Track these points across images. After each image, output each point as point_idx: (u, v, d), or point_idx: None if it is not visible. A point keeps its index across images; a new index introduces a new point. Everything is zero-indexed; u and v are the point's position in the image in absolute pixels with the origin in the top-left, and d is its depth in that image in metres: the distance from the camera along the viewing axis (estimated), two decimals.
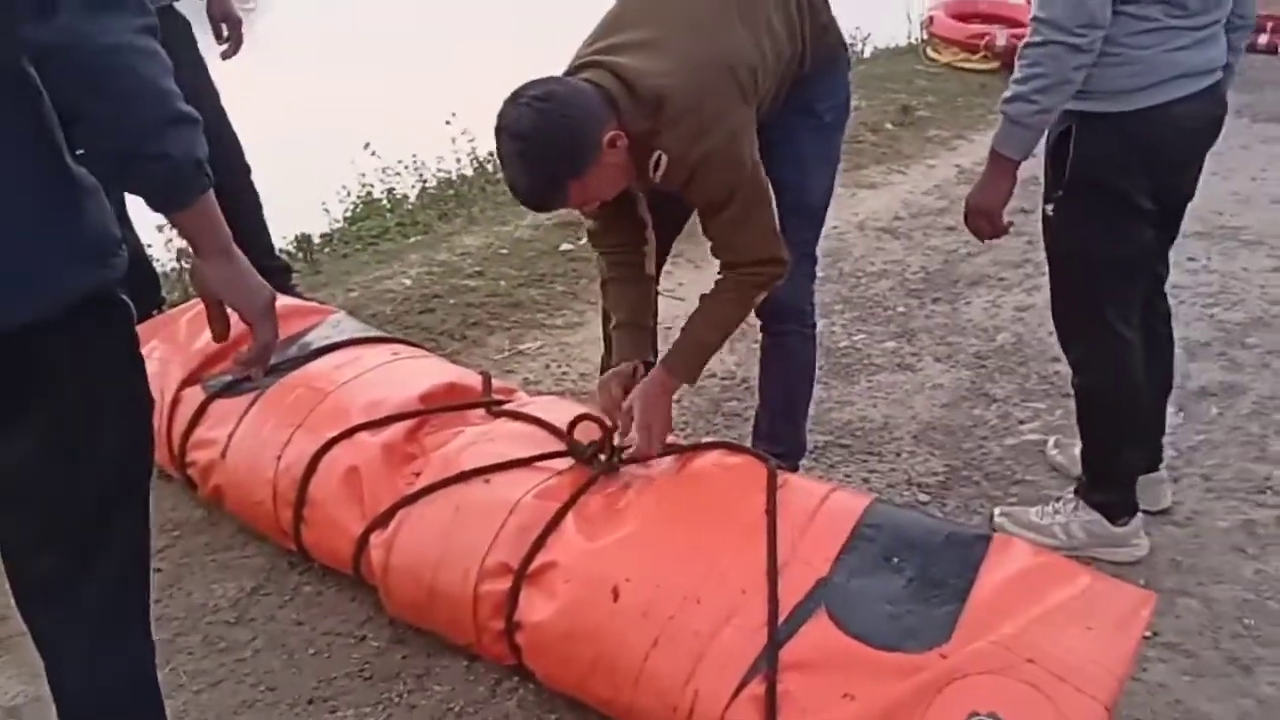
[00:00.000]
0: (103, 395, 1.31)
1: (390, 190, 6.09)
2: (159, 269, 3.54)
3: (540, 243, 3.92)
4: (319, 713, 1.91)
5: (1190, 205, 2.16)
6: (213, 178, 1.22)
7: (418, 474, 2.10)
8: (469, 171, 6.29)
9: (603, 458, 2.04)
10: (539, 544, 1.89)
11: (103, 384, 1.31)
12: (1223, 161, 4.27)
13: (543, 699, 1.93)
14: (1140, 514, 2.29)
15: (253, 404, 2.30)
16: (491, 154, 6.20)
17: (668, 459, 2.07)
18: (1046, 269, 3.69)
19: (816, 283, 2.39)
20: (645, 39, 1.89)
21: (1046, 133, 2.05)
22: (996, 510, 2.43)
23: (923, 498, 2.52)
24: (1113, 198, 2.00)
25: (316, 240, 4.47)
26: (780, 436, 2.40)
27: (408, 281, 3.58)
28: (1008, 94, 1.97)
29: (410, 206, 5.67)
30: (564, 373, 3.11)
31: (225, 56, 3.09)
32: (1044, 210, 2.11)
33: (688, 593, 1.75)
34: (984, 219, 2.11)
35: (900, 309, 3.51)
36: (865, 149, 5.10)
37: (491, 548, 1.91)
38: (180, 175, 1.19)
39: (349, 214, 5.49)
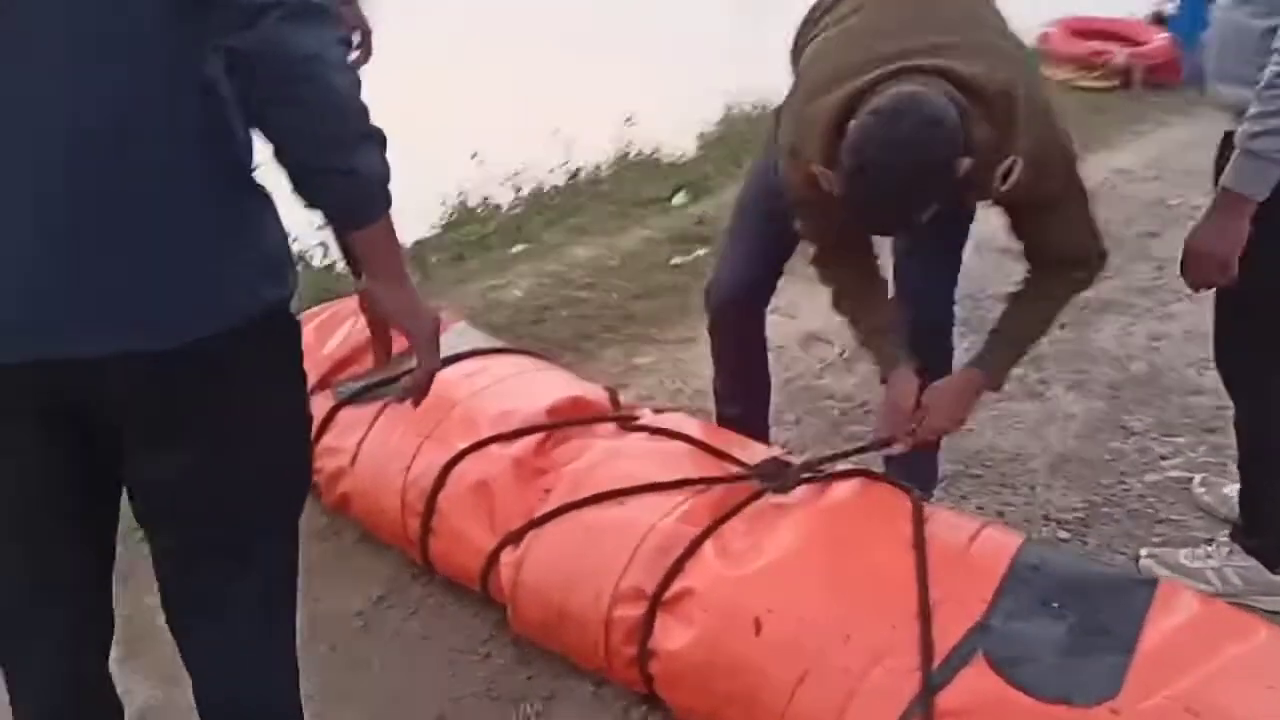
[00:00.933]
0: (268, 410, 1.30)
1: (486, 199, 6.13)
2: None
3: (651, 255, 3.88)
4: None
5: None
6: (392, 199, 1.19)
7: (548, 490, 2.07)
8: (560, 181, 6.31)
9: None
10: (676, 569, 1.83)
11: (268, 399, 1.30)
12: None
13: None
14: None
15: (381, 412, 2.29)
16: (596, 166, 6.25)
17: (804, 488, 2.01)
18: (1183, 297, 3.57)
19: None
20: (946, 43, 1.74)
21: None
22: (1143, 551, 2.31)
23: (1062, 534, 2.41)
24: None
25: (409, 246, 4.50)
26: (917, 463, 2.30)
27: (519, 292, 3.57)
28: (1255, 128, 1.76)
29: (511, 215, 5.71)
30: (678, 388, 3.06)
31: (357, 66, 3.10)
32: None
33: (835, 628, 1.68)
34: (1216, 266, 1.90)
35: None
36: None
37: (626, 571, 1.86)
38: (365, 193, 1.16)
39: (445, 221, 5.53)
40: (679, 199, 4.59)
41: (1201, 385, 3.06)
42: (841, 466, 2.09)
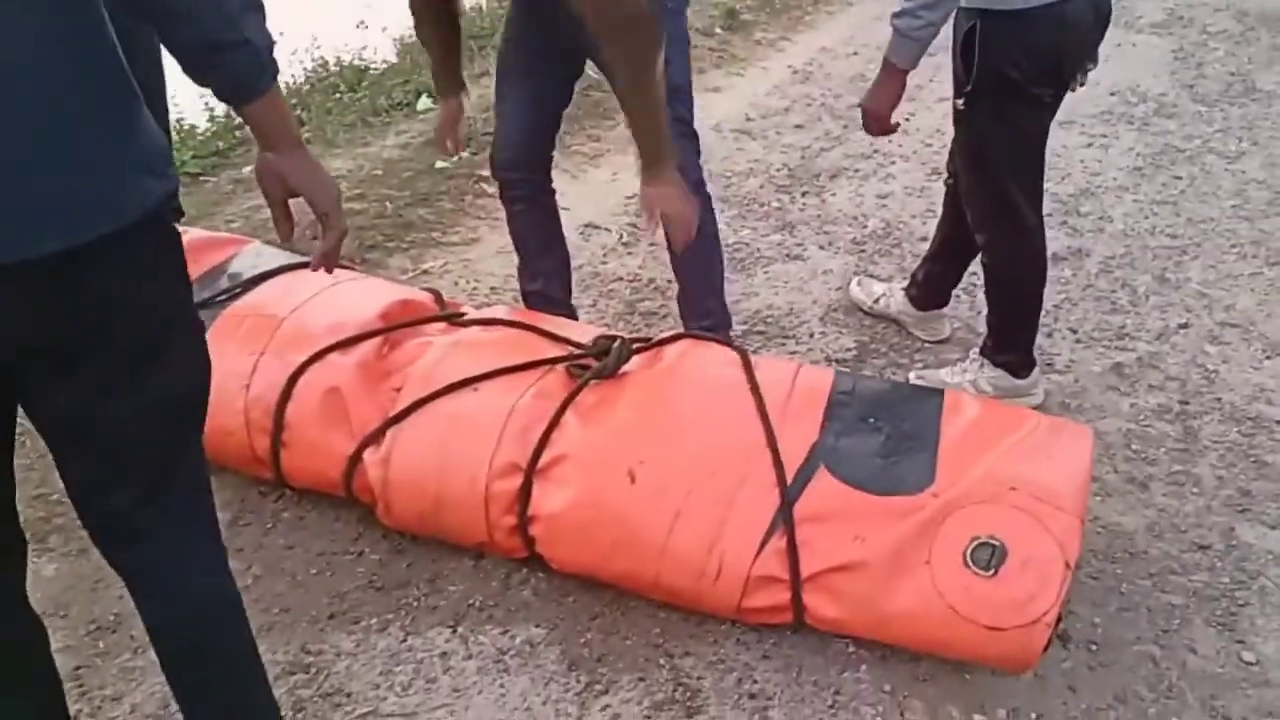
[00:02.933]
0: (163, 325, 1.29)
1: (179, 120, 5.77)
2: None
3: (414, 161, 3.87)
4: (343, 625, 1.96)
5: None
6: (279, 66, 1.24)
7: (398, 389, 2.13)
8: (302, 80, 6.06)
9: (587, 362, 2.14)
10: (545, 440, 1.98)
11: (162, 313, 1.29)
12: None
13: (554, 584, 2.04)
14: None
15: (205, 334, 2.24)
16: (338, 62, 6.02)
17: (639, 356, 2.19)
18: (895, 159, 4.02)
19: None
20: None
21: (954, 29, 2.24)
22: (912, 374, 2.69)
23: (843, 370, 2.75)
24: (1017, 91, 2.21)
25: None
26: (710, 310, 2.64)
27: None
28: (897, 9, 2.11)
29: (238, 129, 5.42)
30: (474, 288, 3.14)
31: None
32: (954, 104, 2.30)
33: (700, 468, 1.90)
34: (874, 121, 2.28)
35: (775, 204, 3.72)
36: (702, 54, 5.23)
37: (497, 449, 1.98)
38: (259, 61, 1.20)
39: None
40: (423, 103, 4.55)
41: (927, 232, 3.51)
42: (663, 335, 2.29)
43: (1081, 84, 2.29)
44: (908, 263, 3.31)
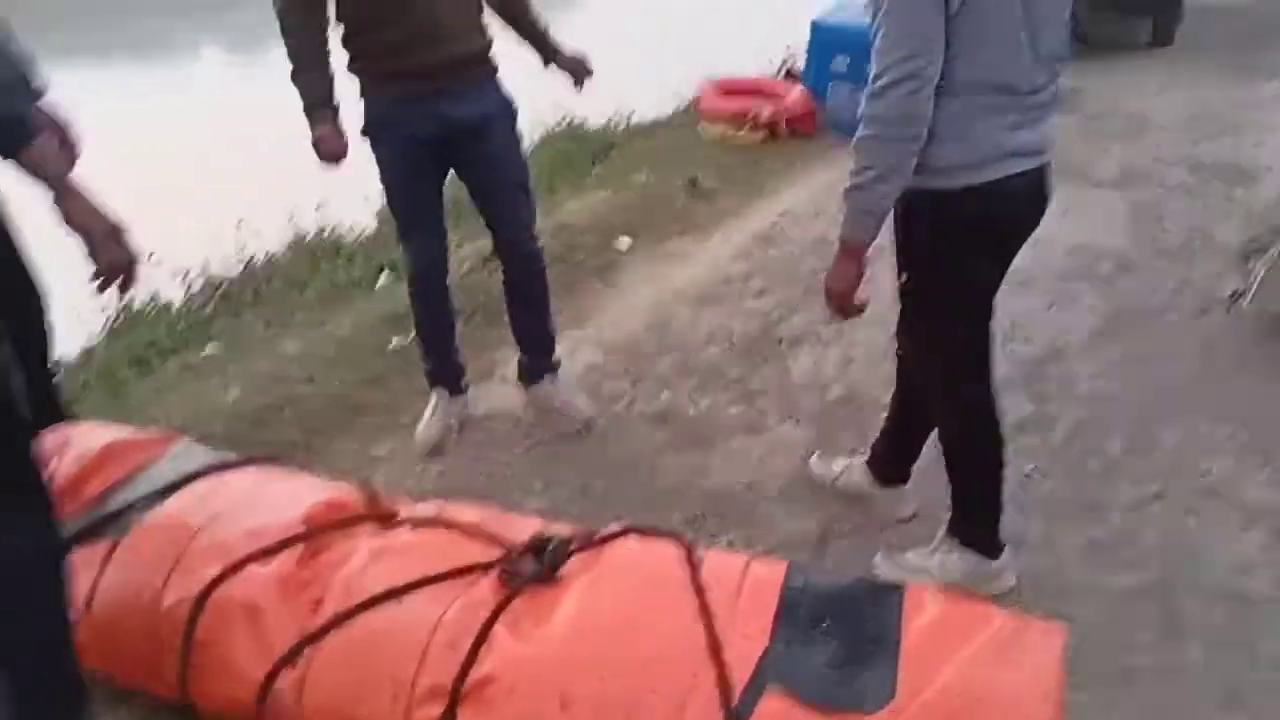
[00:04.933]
0: None
1: (153, 298, 5.77)
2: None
3: (367, 341, 3.81)
4: None
5: None
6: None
7: (319, 600, 1.99)
8: (237, 274, 6.09)
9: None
10: (471, 658, 1.82)
11: None
12: None
13: None
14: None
15: (114, 549, 2.10)
16: (268, 255, 6.08)
17: (577, 556, 2.06)
18: (858, 324, 3.97)
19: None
20: None
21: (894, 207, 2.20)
22: (877, 557, 2.55)
23: (806, 556, 2.61)
24: (958, 265, 2.17)
25: (73, 359, 4.18)
26: (551, 345, 3.31)
27: (234, 396, 3.38)
28: (848, 185, 2.08)
29: (193, 314, 5.40)
30: (423, 471, 3.02)
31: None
32: (899, 280, 2.25)
33: (639, 685, 1.74)
34: (839, 301, 2.21)
35: (736, 373, 3.64)
36: (666, 222, 5.28)
37: (420, 669, 1.83)
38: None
39: (111, 328, 5.13)
40: (383, 280, 4.53)
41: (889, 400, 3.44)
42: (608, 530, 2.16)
43: None
44: (871, 432, 3.19)
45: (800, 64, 7.50)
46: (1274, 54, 8.43)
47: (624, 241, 4.95)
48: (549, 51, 3.09)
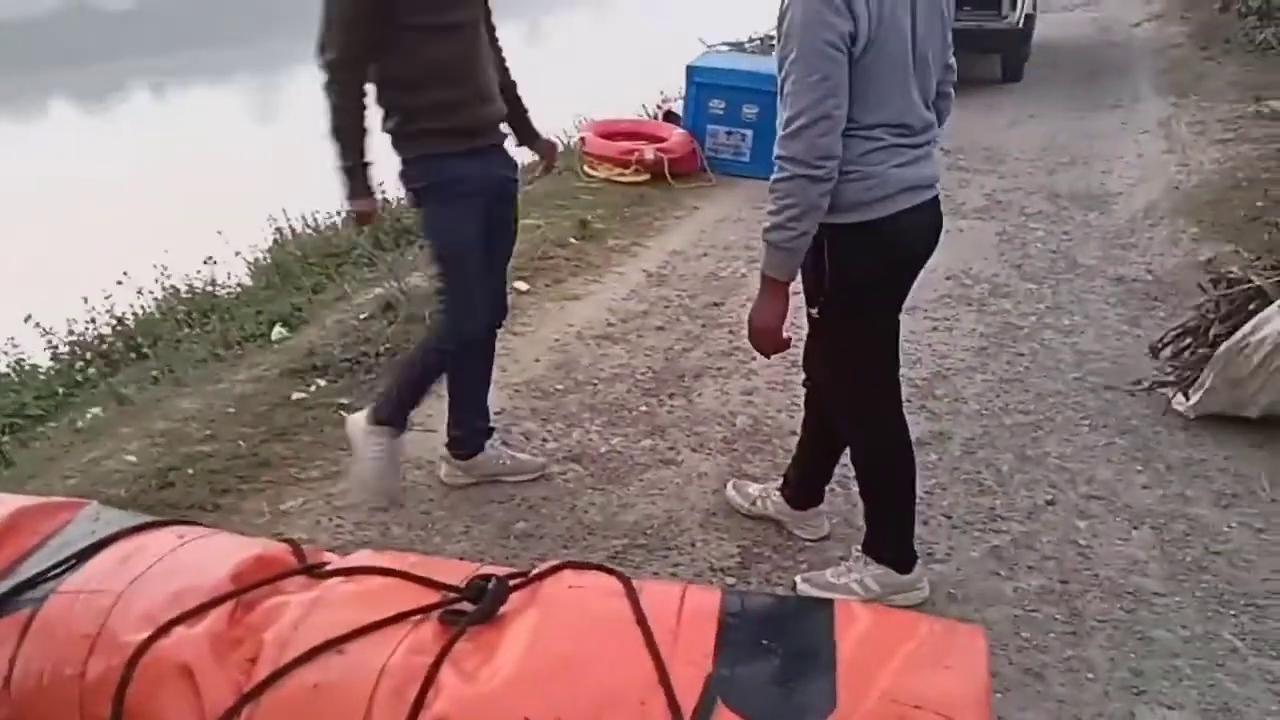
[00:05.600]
0: None
1: (19, 361, 5.57)
2: None
3: (268, 395, 3.74)
4: None
5: None
6: None
7: (253, 658, 1.94)
8: (106, 331, 5.92)
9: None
10: (419, 703, 1.82)
11: None
12: None
13: None
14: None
15: (30, 621, 2.02)
16: (190, 289, 5.93)
17: (517, 594, 2.07)
18: (756, 355, 4.11)
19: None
20: None
21: None
22: (798, 577, 2.64)
23: (730, 580, 2.68)
24: (867, 295, 2.29)
25: None
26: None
27: (132, 458, 3.28)
28: (767, 224, 2.18)
29: (68, 375, 5.22)
30: (338, 525, 2.99)
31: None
32: (809, 313, 2.35)
33: (592, 717, 1.77)
34: (766, 337, 2.31)
35: (643, 408, 3.71)
36: (559, 263, 5.35)
37: (368, 718, 1.81)
38: None
39: None
40: (277, 332, 4.45)
41: (794, 426, 3.55)
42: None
43: None
44: (780, 458, 3.32)
45: (677, 106, 7.71)
46: (1115, 87, 9.05)
47: (521, 284, 4.99)
48: (529, 133, 3.10)
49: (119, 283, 6.01)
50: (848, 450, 2.68)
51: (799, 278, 2.31)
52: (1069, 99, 8.83)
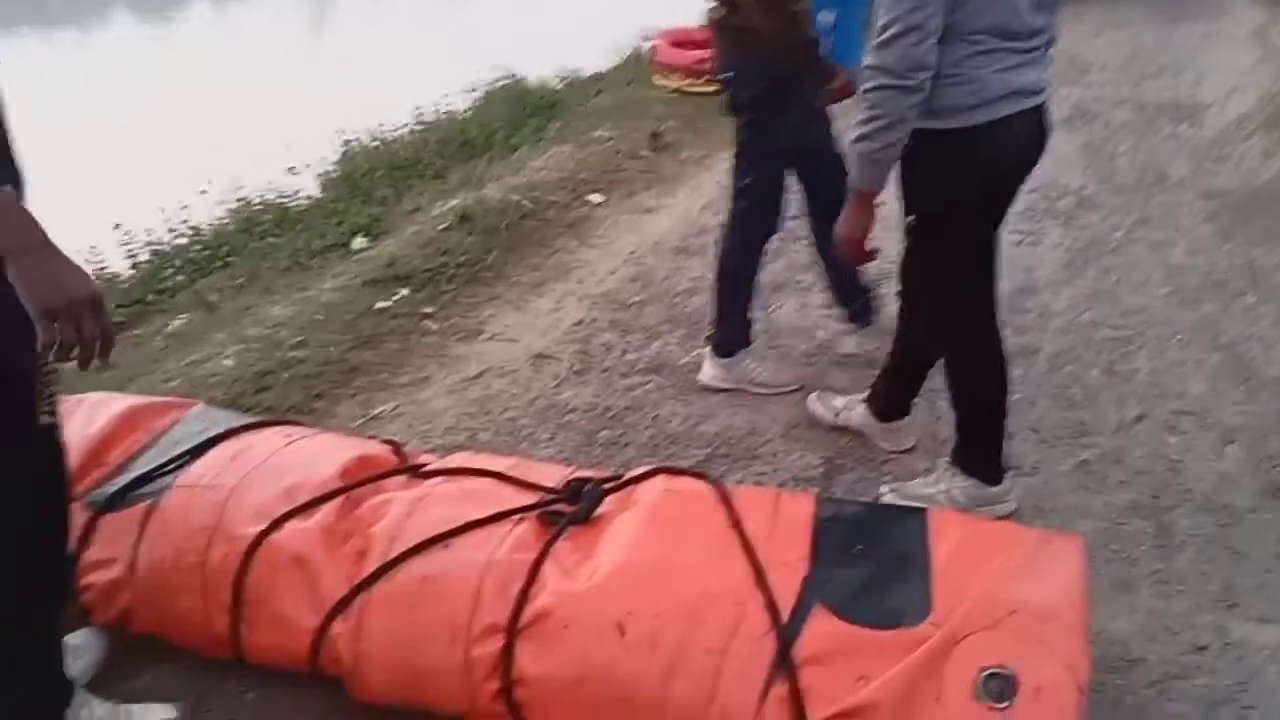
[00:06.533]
0: None
1: (101, 269, 5.70)
2: None
3: (355, 304, 3.80)
4: None
5: None
6: None
7: (362, 552, 2.03)
8: (183, 241, 6.05)
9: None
10: (524, 596, 1.88)
11: None
12: None
13: None
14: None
15: (150, 512, 2.12)
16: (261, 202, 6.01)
17: (611, 497, 2.12)
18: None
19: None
20: None
21: None
22: (883, 488, 2.65)
23: (814, 490, 2.70)
24: (964, 205, 2.25)
25: None
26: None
27: (229, 362, 3.37)
28: (854, 135, 2.14)
29: (160, 281, 5.35)
30: (427, 429, 3.05)
31: None
32: (906, 221, 2.32)
33: (689, 615, 1.82)
34: (853, 248, 2.30)
35: None
36: (632, 175, 5.32)
37: (475, 610, 1.88)
38: None
39: None
40: (358, 242, 4.51)
41: (877, 341, 3.54)
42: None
43: None
44: (859, 371, 3.31)
45: None
46: None
47: (595, 197, 4.98)
48: None
49: (203, 192, 6.09)
50: (934, 363, 2.67)
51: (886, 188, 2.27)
52: (1157, 6, 8.46)
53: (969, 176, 2.20)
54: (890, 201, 2.32)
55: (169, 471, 2.22)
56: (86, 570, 2.10)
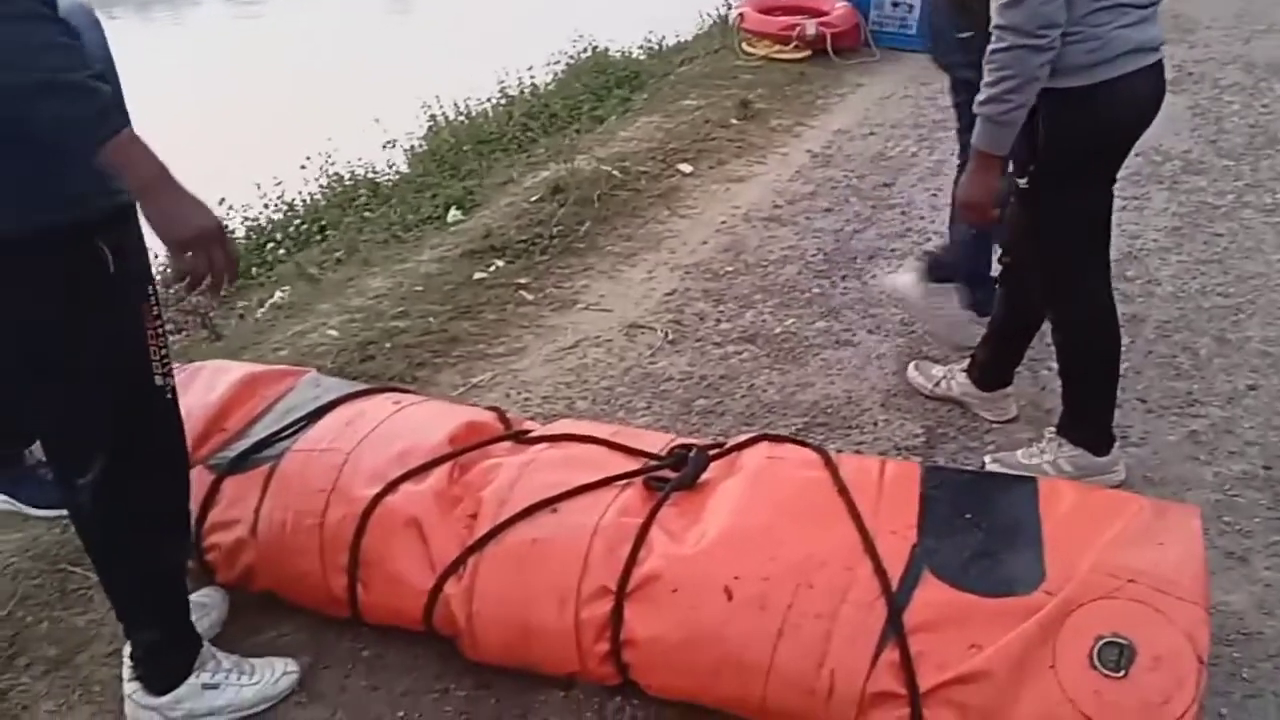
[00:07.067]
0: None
1: (234, 238, 5.86)
2: None
3: (452, 275, 3.87)
4: None
5: None
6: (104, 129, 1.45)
7: (473, 515, 2.08)
8: (278, 216, 6.21)
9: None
10: (633, 560, 1.91)
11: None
12: None
13: (651, 711, 1.96)
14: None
15: (271, 475, 2.20)
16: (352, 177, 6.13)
17: (715, 464, 2.14)
18: (931, 236, 3.99)
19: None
20: None
21: None
22: (987, 458, 2.62)
23: (914, 459, 2.68)
24: (1082, 166, 2.19)
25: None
26: None
27: (334, 332, 3.46)
28: (982, 96, 2.10)
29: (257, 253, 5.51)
30: (526, 399, 3.10)
31: None
32: (1017, 183, 2.28)
33: (797, 579, 1.83)
34: (975, 212, 2.26)
35: (816, 290, 3.69)
36: (721, 144, 5.29)
37: (584, 573, 1.92)
38: (65, 129, 1.43)
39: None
40: (453, 215, 4.58)
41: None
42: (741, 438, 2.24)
43: None
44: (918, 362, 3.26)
45: None
46: None
47: (685, 166, 4.97)
48: None
49: (302, 167, 6.24)
50: (1037, 332, 2.63)
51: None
52: None
53: (1087, 136, 2.15)
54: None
55: (287, 436, 2.29)
56: (211, 531, 2.19)
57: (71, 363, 1.65)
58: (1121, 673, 1.64)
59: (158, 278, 1.84)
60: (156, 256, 1.74)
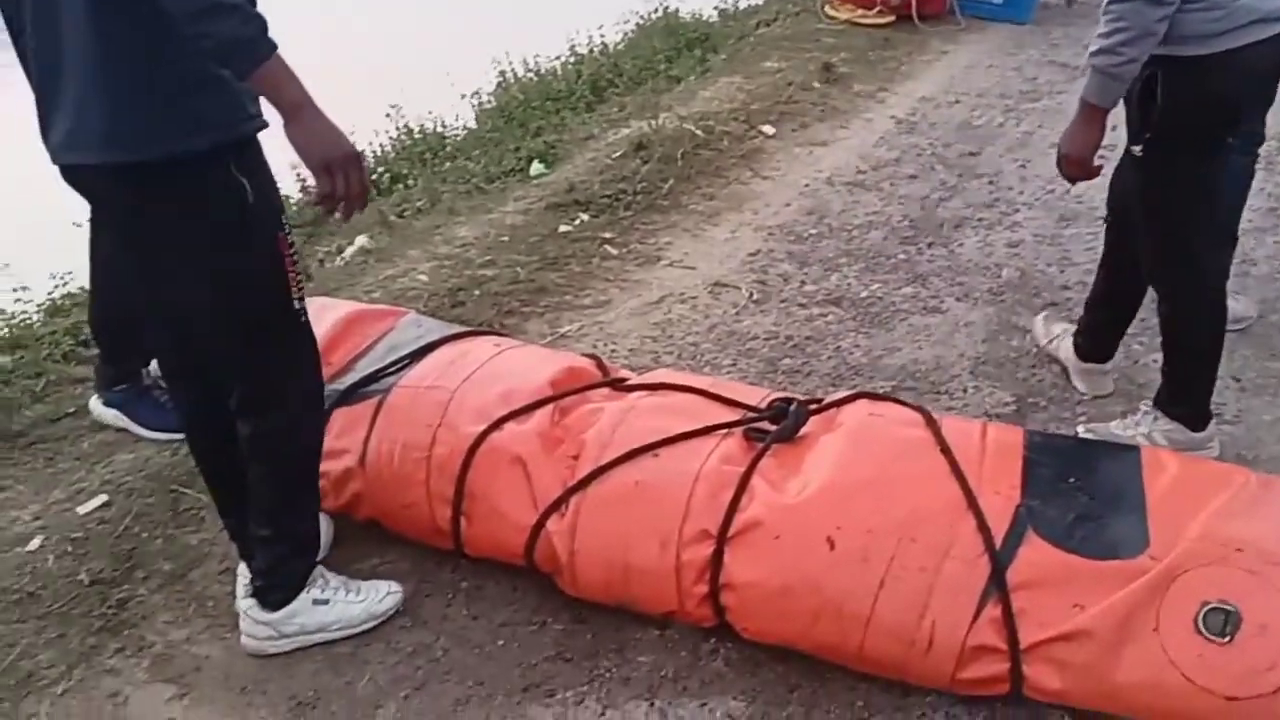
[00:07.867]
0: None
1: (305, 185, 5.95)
2: None
3: (538, 226, 3.91)
4: (538, 698, 1.93)
5: None
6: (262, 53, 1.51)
7: (575, 456, 2.12)
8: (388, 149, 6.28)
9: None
10: (734, 506, 1.95)
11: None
12: None
13: (745, 655, 2.00)
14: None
15: (379, 409, 2.26)
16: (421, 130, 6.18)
17: (814, 419, 2.16)
18: (1019, 207, 3.96)
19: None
20: None
21: None
22: (1080, 428, 2.61)
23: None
24: (1199, 137, 2.16)
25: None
26: None
27: (424, 278, 3.52)
28: (1094, 48, 2.08)
29: (303, 206, 5.56)
30: (612, 350, 3.14)
31: None
32: (1131, 151, 2.26)
33: (901, 533, 1.85)
34: (1076, 166, 2.24)
35: (901, 256, 3.68)
36: (805, 108, 5.26)
37: (686, 516, 1.96)
38: (227, 51, 1.50)
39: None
40: (536, 168, 4.61)
41: (1066, 280, 3.46)
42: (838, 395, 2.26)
43: None
44: (1046, 312, 3.25)
45: None
46: None
47: (768, 128, 4.96)
48: None
49: (387, 115, 6.30)
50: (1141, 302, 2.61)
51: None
52: None
53: (1204, 107, 2.12)
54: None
55: (393, 372, 2.36)
56: (323, 458, 2.26)
57: (220, 280, 1.74)
58: (1226, 638, 1.65)
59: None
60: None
